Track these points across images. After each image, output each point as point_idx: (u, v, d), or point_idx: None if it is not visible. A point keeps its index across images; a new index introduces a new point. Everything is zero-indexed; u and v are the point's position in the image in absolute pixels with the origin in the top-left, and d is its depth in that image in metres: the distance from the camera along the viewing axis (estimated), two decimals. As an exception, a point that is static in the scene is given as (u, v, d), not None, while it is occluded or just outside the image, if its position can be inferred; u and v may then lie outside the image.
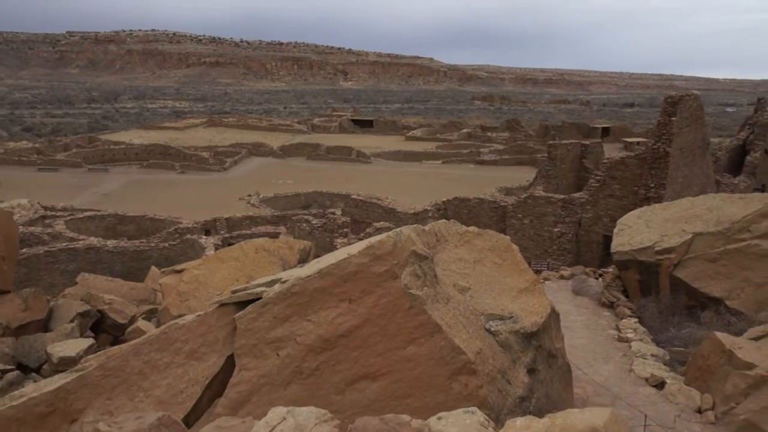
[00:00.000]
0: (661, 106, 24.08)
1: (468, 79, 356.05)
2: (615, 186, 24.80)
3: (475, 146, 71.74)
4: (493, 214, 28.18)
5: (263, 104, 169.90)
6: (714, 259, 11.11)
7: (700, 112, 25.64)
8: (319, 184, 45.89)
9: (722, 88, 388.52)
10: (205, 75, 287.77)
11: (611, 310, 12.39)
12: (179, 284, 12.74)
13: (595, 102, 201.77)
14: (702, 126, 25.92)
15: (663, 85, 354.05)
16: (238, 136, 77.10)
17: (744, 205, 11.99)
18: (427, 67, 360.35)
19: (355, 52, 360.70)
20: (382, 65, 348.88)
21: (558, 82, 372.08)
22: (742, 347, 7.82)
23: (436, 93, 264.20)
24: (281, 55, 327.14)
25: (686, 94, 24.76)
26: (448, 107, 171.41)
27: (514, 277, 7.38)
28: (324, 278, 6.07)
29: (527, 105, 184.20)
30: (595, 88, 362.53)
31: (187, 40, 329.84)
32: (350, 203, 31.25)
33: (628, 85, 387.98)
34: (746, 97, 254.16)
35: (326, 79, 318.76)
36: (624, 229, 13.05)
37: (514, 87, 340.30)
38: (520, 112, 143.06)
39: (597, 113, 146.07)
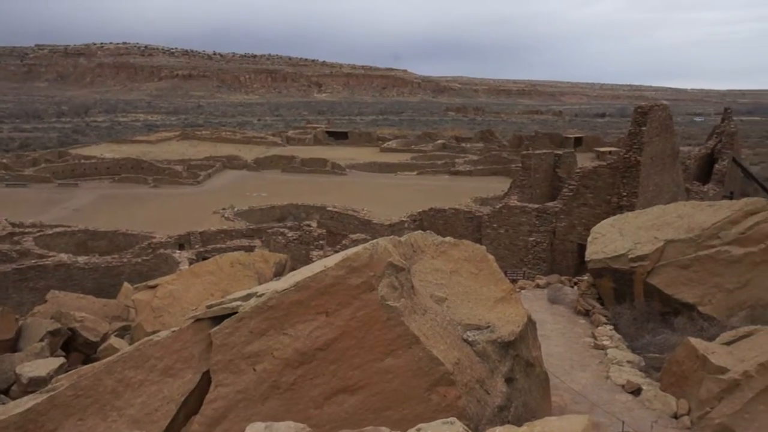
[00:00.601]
0: (632, 116, 24.49)
1: (442, 90, 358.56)
2: (588, 195, 25.10)
3: (450, 157, 72.12)
4: (469, 225, 28.32)
5: (237, 117, 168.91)
6: (686, 265, 11.31)
7: (670, 121, 26.14)
8: (295, 196, 45.68)
9: (690, 98, 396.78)
10: (177, 88, 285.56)
11: (587, 317, 12.51)
12: (153, 300, 12.56)
13: (568, 112, 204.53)
14: (671, 135, 26.42)
15: (633, 96, 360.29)
16: (211, 149, 76.50)
17: (713, 212, 12.24)
18: (401, 78, 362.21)
19: (329, 64, 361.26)
20: (357, 77, 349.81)
21: (531, 93, 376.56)
22: (715, 352, 7.95)
23: (410, 104, 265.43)
24: (255, 68, 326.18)
25: (656, 104, 25.23)
26: (422, 118, 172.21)
27: (491, 287, 7.42)
28: (300, 291, 6.04)
29: (501, 116, 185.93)
30: (567, 99, 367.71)
31: (159, 52, 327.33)
32: (326, 215, 31.14)
33: (600, 96, 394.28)
34: (713, 107, 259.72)
35: (300, 92, 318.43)
36: (598, 237, 13.21)
37: (487, 98, 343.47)
38: (493, 123, 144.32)
39: (569, 123, 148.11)
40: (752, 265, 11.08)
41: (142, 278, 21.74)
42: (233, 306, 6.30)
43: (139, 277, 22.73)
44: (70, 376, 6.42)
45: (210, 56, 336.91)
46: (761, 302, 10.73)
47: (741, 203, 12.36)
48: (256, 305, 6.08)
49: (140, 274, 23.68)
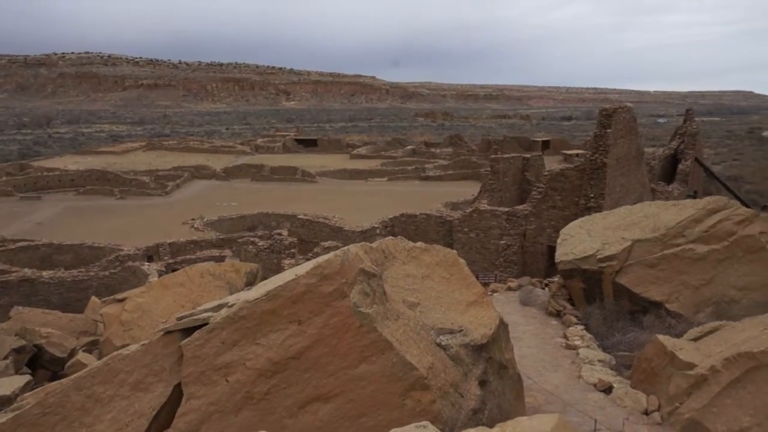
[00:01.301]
0: (597, 118, 24.91)
1: (410, 96, 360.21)
2: (557, 197, 25.44)
3: (420, 162, 72.47)
4: (440, 229, 28.46)
5: (204, 126, 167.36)
6: (653, 264, 11.52)
7: (634, 123, 26.66)
8: (265, 205, 45.40)
9: (653, 100, 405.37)
10: (143, 97, 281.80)
11: (558, 318, 12.66)
12: (122, 314, 12.36)
13: (535, 116, 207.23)
14: (636, 137, 26.94)
15: (598, 99, 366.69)
16: (179, 159, 75.65)
17: (678, 211, 12.51)
18: (369, 85, 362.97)
19: (296, 72, 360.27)
20: (325, 84, 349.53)
21: (498, 98, 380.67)
22: (683, 348, 8.12)
23: (379, 111, 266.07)
24: (221, 77, 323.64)
25: (620, 106, 25.70)
26: (391, 124, 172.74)
27: (462, 291, 7.48)
28: (272, 300, 6.01)
29: (469, 120, 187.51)
30: (534, 103, 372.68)
31: (123, 62, 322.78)
32: (297, 223, 31.01)
33: (566, 99, 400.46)
34: (676, 108, 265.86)
35: (268, 100, 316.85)
36: (567, 239, 13.38)
37: (455, 103, 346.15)
38: (462, 128, 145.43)
39: (537, 127, 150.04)
40: (716, 262, 11.35)
41: (110, 292, 21.38)
42: (204, 317, 6.24)
43: (107, 291, 22.34)
44: (36, 394, 6.29)
45: (176, 65, 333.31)
46: (725, 298, 10.99)
47: (704, 202, 12.65)
48: (227, 316, 6.03)
49: (108, 288, 23.28)
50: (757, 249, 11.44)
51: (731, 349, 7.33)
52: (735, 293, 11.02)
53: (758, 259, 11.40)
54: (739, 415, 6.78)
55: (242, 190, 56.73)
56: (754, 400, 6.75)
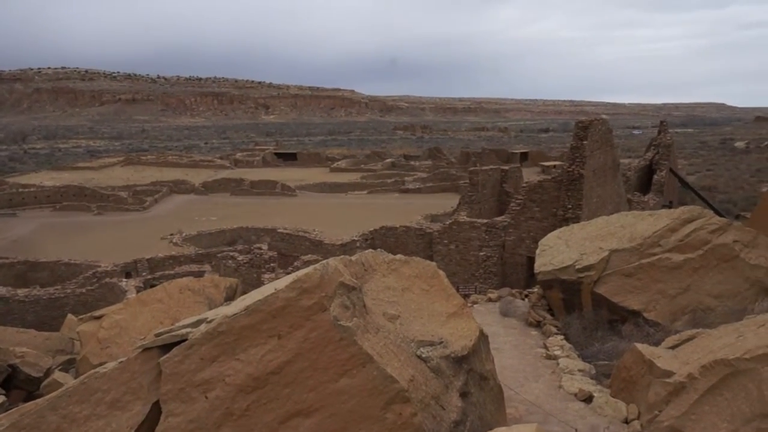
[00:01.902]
0: (573, 130, 25.22)
1: (389, 109, 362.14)
2: (535, 208, 25.64)
3: (400, 175, 72.77)
4: (420, 242, 28.51)
5: (183, 140, 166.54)
6: (630, 273, 11.63)
7: (609, 135, 27.03)
8: (244, 219, 45.19)
9: (628, 112, 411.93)
10: (120, 112, 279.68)
11: (538, 329, 12.70)
12: (99, 331, 12.17)
13: (513, 128, 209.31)
14: (612, 148, 27.31)
15: (574, 111, 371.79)
16: (157, 174, 75.11)
17: (654, 221, 12.67)
18: (348, 98, 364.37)
19: (276, 86, 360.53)
20: (304, 98, 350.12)
21: (476, 111, 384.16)
22: (661, 356, 8.18)
23: (358, 124, 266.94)
24: (200, 91, 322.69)
25: (595, 118, 26.07)
26: (371, 138, 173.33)
27: (442, 303, 7.48)
28: (251, 315, 5.96)
29: (448, 133, 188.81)
30: (512, 115, 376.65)
31: (101, 77, 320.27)
32: (276, 237, 30.90)
33: (543, 112, 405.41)
34: (650, 119, 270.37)
35: (248, 114, 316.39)
36: (545, 249, 13.47)
37: (434, 116, 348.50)
38: (441, 141, 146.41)
39: (515, 139, 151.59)
40: (692, 271, 11.49)
41: (87, 309, 21.05)
42: (183, 333, 6.16)
43: (84, 308, 21.99)
44: (10, 415, 6.15)
45: (154, 80, 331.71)
46: (701, 306, 11.12)
47: (679, 212, 12.83)
48: (206, 331, 5.96)
49: (85, 305, 22.94)
50: (731, 257, 11.62)
51: (708, 357, 7.41)
52: (710, 301, 11.16)
53: (732, 267, 11.57)
54: (717, 421, 6.84)
55: (222, 204, 56.41)
56: (730, 406, 6.82)
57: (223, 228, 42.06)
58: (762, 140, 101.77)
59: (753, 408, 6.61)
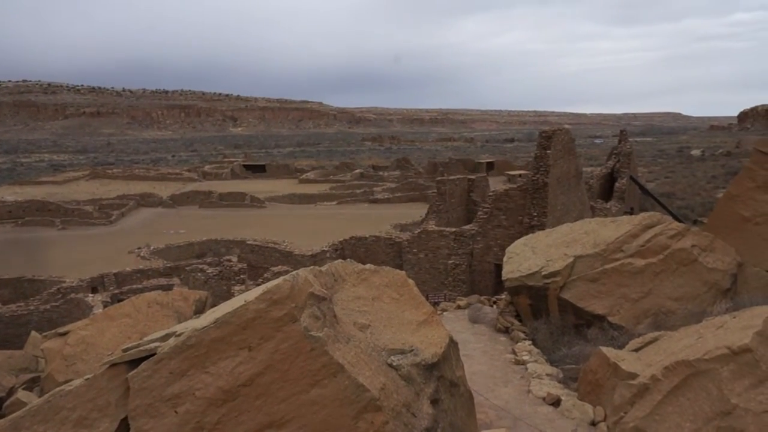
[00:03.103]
0: (537, 140, 25.61)
1: (357, 121, 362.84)
2: (502, 217, 25.92)
3: (368, 186, 72.88)
4: (390, 251, 28.56)
5: (150, 153, 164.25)
6: (594, 279, 11.81)
7: (572, 144, 27.51)
8: (214, 231, 44.68)
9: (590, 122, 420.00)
10: (85, 126, 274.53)
11: (507, 335, 12.81)
12: (64, 348, 11.86)
13: (479, 138, 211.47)
14: (574, 157, 27.79)
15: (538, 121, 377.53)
16: (124, 188, 73.90)
17: (616, 227, 12.90)
18: (316, 110, 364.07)
19: (243, 99, 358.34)
20: (272, 110, 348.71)
21: (443, 121, 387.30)
22: (625, 359, 8.33)
23: (327, 135, 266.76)
24: (167, 104, 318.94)
25: (558, 128, 26.50)
26: (339, 149, 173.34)
27: (412, 311, 7.50)
28: (221, 327, 5.88)
29: (415, 144, 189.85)
30: (478, 126, 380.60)
31: (64, 90, 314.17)
32: (246, 249, 30.64)
33: (508, 122, 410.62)
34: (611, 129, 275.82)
35: (215, 126, 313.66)
36: (512, 257, 13.61)
37: (401, 127, 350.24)
38: (409, 151, 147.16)
39: (481, 149, 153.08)
40: (653, 275, 11.72)
41: (51, 326, 20.52)
42: (151, 347, 6.05)
43: (49, 325, 21.43)
44: (-28, 436, 5.95)
45: (119, 93, 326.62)
46: (663, 309, 11.34)
47: (639, 218, 13.10)
48: (175, 345, 5.86)
49: (50, 322, 22.35)
50: (690, 261, 11.90)
51: (670, 358, 7.56)
52: (671, 304, 11.40)
53: (691, 270, 11.85)
54: (681, 421, 6.98)
55: (190, 217, 55.74)
56: (692, 406, 6.97)
57: (192, 241, 41.50)
58: (716, 148, 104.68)
59: (713, 407, 6.77)
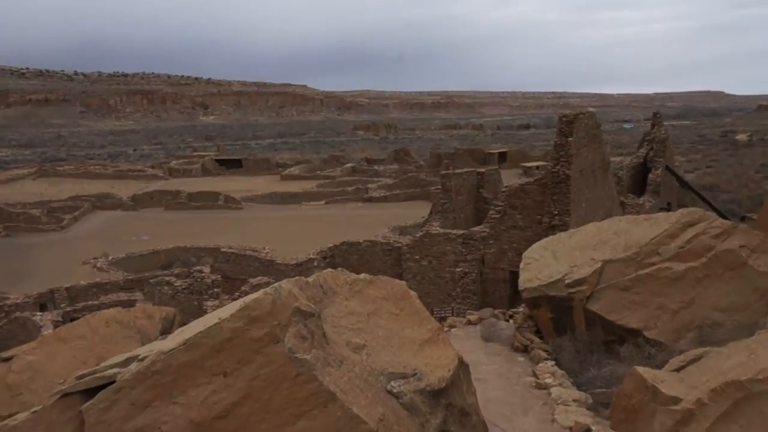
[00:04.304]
0: (557, 126, 25.60)
1: (347, 107, 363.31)
2: (517, 216, 25.90)
3: (362, 182, 72.98)
4: (387, 258, 28.55)
5: (108, 147, 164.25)
6: (626, 287, 11.75)
7: (598, 130, 27.53)
8: (182, 238, 44.70)
9: (617, 103, 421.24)
10: (31, 115, 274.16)
11: (526, 354, 12.76)
12: (8, 375, 11.78)
13: (489, 125, 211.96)
14: (600, 145, 27.81)
15: (558, 104, 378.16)
16: (77, 188, 73.82)
17: (650, 226, 12.85)
18: (300, 95, 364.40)
19: (215, 82, 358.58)
20: (249, 95, 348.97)
21: (447, 106, 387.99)
22: (665, 380, 8.27)
23: (312, 124, 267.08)
24: (127, 89, 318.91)
25: (581, 112, 26.50)
26: (327, 139, 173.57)
27: (415, 328, 7.44)
28: (191, 350, 5.83)
29: (415, 132, 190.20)
30: (488, 110, 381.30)
31: (6, 74, 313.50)
32: (220, 258, 30.67)
33: (522, 106, 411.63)
34: (642, 112, 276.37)
35: (183, 115, 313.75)
36: (530, 262, 13.56)
37: (399, 113, 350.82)
38: (408, 141, 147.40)
39: (491, 138, 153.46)
40: (695, 282, 11.66)
41: (-6, 350, 20.44)
42: (110, 374, 6.00)
43: (-9, 349, 21.37)
44: None
45: (71, 77, 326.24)
46: (707, 321, 11.29)
47: (678, 215, 13.03)
48: (137, 371, 5.81)
49: (-9, 345, 22.30)
50: (738, 265, 11.81)
51: (717, 379, 7.50)
52: (718, 315, 11.34)
53: (740, 276, 11.76)
54: (731, 452, 6.93)
55: (154, 221, 55.74)
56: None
57: (157, 249, 41.54)
58: (766, 132, 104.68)
59: (770, 435, 6.72)
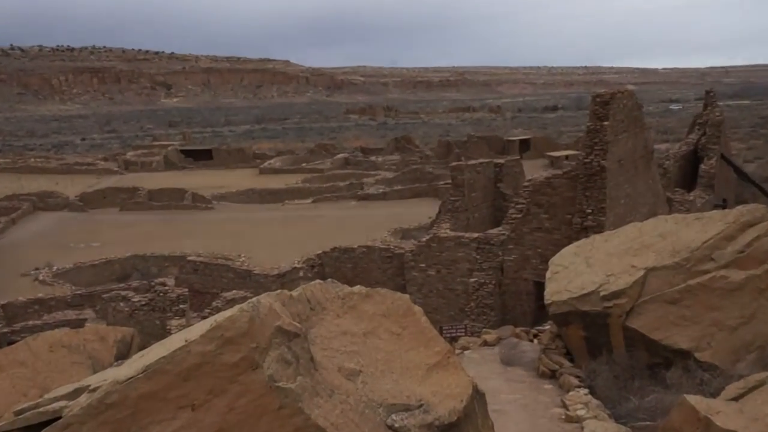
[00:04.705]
0: (590, 108, 25.60)
1: (339, 86, 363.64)
2: (542, 216, 25.90)
3: (356, 176, 73.03)
4: (388, 267, 28.56)
5: (51, 136, 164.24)
6: (674, 300, 11.75)
7: (639, 112, 27.52)
8: (141, 244, 44.70)
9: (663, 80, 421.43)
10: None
11: (554, 381, 12.79)
12: (-67, 410, 11.85)
13: (509, 107, 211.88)
14: (642, 130, 27.81)
15: (591, 81, 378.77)
16: (14, 185, 73.78)
17: (702, 227, 12.83)
18: (282, 72, 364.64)
19: (180, 58, 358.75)
20: (220, 73, 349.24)
21: (458, 85, 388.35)
22: (721, 411, 8.28)
23: (296, 107, 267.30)
24: (74, 66, 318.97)
25: (619, 90, 26.49)
26: (314, 125, 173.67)
27: (420, 350, 7.48)
28: (153, 379, 5.86)
29: (420, 117, 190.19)
30: (507, 90, 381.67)
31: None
32: (187, 268, 30.65)
33: (548, 84, 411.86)
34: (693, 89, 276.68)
35: (141, 96, 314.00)
36: (559, 271, 13.57)
37: (401, 94, 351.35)
38: (411, 127, 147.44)
39: (512, 122, 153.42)
40: (756, 293, 11.65)
41: None
42: (55, 408, 6.04)
43: None
44: None
45: (6, 52, 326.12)
46: (771, 340, 11.31)
47: (735, 213, 13.01)
48: (88, 404, 5.84)
49: None
50: (808, 273, 11.83)
51: (783, 409, 7.53)
52: (783, 333, 11.35)
53: (811, 286, 11.77)
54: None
55: (108, 224, 55.72)
56: (816, 475, 6.94)
57: (111, 258, 41.48)
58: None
59: None
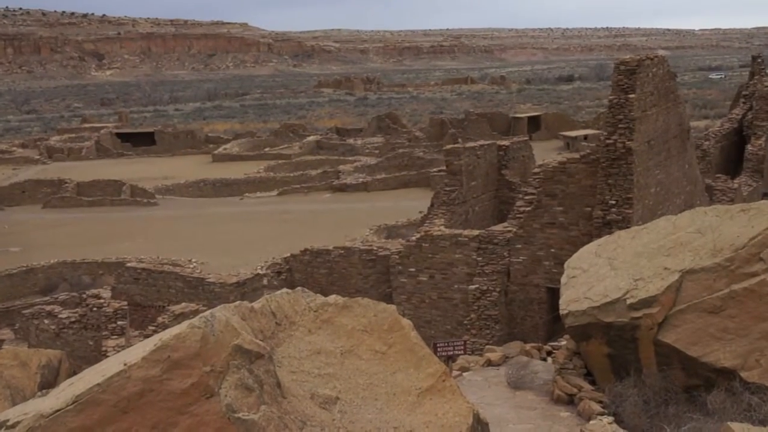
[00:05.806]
0: (613, 77, 25.63)
1: (308, 54, 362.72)
2: (556, 208, 25.90)
3: (331, 163, 72.87)
4: (370, 272, 28.50)
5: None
6: (716, 308, 11.77)
7: (672, 82, 27.57)
8: (70, 248, 44.47)
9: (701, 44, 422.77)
10: None
11: (572, 407, 12.81)
12: None
13: (515, 78, 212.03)
14: (676, 104, 27.87)
15: (614, 45, 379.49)
16: None
17: (749, 220, 12.82)
18: (239, 38, 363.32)
19: (114, 21, 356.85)
20: (163, 39, 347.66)
21: (454, 51, 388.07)
22: (771, 441, 8.36)
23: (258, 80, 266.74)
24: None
25: (648, 56, 26.53)
26: (279, 102, 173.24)
27: (410, 372, 7.50)
28: (85, 411, 5.86)
29: (408, 90, 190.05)
30: (513, 56, 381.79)
31: None
32: (126, 277, 30.50)
33: (562, 48, 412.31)
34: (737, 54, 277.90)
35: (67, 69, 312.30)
36: (577, 275, 13.59)
37: (384, 62, 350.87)
38: (397, 103, 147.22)
39: (519, 96, 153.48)
40: (814, 299, 11.73)
41: None
42: (-36, 449, 6.03)
43: None
44: None
45: None
46: (832, 357, 11.37)
47: (789, 203, 13.09)
48: (6, 443, 5.85)
49: None
50: None
51: None
52: None
53: None
54: None
55: (28, 225, 55.47)
56: None
57: (33, 265, 41.27)
58: None
59: None
